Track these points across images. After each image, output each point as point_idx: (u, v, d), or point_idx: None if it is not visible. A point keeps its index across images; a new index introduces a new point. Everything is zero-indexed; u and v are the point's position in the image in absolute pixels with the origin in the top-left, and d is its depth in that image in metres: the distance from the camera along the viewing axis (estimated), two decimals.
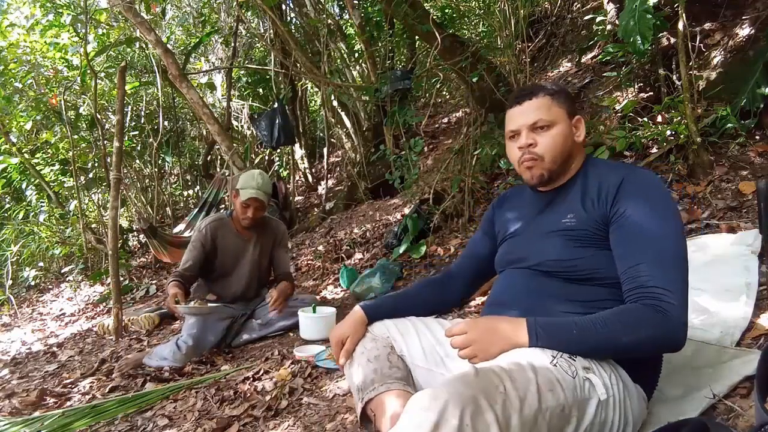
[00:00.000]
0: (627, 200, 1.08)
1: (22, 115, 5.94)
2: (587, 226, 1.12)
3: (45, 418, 1.86)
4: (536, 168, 1.19)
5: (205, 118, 4.28)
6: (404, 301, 1.39)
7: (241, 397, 1.85)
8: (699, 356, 1.37)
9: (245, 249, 2.70)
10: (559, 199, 1.22)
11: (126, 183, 6.25)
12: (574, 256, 1.12)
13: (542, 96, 1.20)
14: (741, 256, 1.80)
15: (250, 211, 2.56)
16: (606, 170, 1.18)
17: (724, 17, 2.91)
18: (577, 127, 1.22)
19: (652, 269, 0.99)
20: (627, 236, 1.05)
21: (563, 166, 1.20)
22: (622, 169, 1.14)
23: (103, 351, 2.93)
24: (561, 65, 4.81)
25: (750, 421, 1.04)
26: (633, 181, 1.10)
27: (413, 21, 3.16)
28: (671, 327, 0.95)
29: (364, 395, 1.17)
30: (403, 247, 3.34)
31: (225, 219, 2.69)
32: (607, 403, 0.96)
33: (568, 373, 0.94)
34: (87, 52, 4.47)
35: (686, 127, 2.40)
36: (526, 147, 1.19)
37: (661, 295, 0.96)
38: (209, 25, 6.51)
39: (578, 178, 1.21)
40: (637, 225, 1.04)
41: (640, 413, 1.06)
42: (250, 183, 2.54)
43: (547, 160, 1.18)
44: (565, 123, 1.19)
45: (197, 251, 2.59)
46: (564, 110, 1.20)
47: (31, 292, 6.05)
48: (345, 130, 5.70)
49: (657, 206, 1.05)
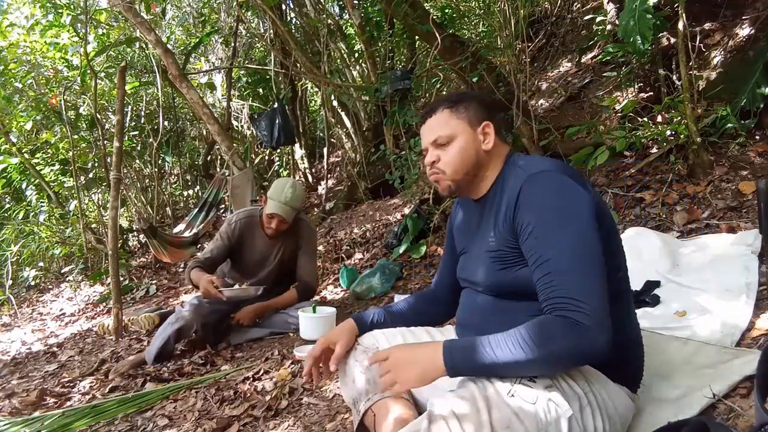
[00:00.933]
0: (525, 212, 1.04)
1: (22, 115, 5.94)
2: (504, 245, 1.09)
3: (45, 418, 1.86)
4: (442, 182, 1.20)
5: (205, 118, 4.28)
6: (396, 315, 1.38)
7: (241, 397, 1.85)
8: (699, 356, 1.37)
9: (270, 251, 2.68)
10: (486, 212, 1.19)
11: (126, 183, 6.25)
12: (500, 278, 1.10)
13: (441, 110, 1.20)
14: (741, 256, 1.80)
15: (274, 222, 2.54)
16: (511, 177, 1.14)
17: (724, 17, 2.91)
18: (485, 134, 1.18)
19: (561, 278, 0.95)
20: (532, 248, 1.01)
21: (471, 176, 1.18)
22: (522, 176, 1.09)
23: (103, 351, 2.93)
24: (561, 65, 4.82)
25: (750, 421, 1.04)
26: (528, 191, 1.06)
27: (413, 21, 3.16)
28: (586, 337, 0.90)
29: (360, 407, 1.19)
30: (403, 247, 3.34)
31: (256, 217, 2.65)
32: (583, 414, 0.94)
33: (527, 401, 0.91)
34: (87, 52, 4.48)
35: (686, 127, 2.40)
36: (431, 164, 1.20)
37: (573, 305, 0.92)
38: (209, 25, 6.51)
39: (497, 186, 1.18)
40: (539, 235, 1.01)
41: (626, 410, 1.06)
42: (279, 196, 2.49)
43: (449, 174, 1.17)
44: (467, 134, 1.17)
45: (221, 242, 2.58)
46: (465, 120, 1.18)
47: (31, 292, 6.05)
48: (345, 130, 5.70)
49: (555, 213, 1.01)
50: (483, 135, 1.18)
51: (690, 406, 1.14)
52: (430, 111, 1.23)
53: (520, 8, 3.24)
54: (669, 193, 2.47)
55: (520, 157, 1.19)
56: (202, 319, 2.43)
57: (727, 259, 1.82)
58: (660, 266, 1.95)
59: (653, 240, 2.05)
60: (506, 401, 0.91)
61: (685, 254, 2.00)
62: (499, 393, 0.92)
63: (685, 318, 1.62)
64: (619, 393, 1.05)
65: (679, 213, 2.31)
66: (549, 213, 1.01)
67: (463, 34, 5.40)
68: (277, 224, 2.54)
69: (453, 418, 0.88)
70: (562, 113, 3.79)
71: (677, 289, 1.81)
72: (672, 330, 1.56)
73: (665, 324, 1.61)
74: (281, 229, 2.58)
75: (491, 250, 1.12)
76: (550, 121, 3.29)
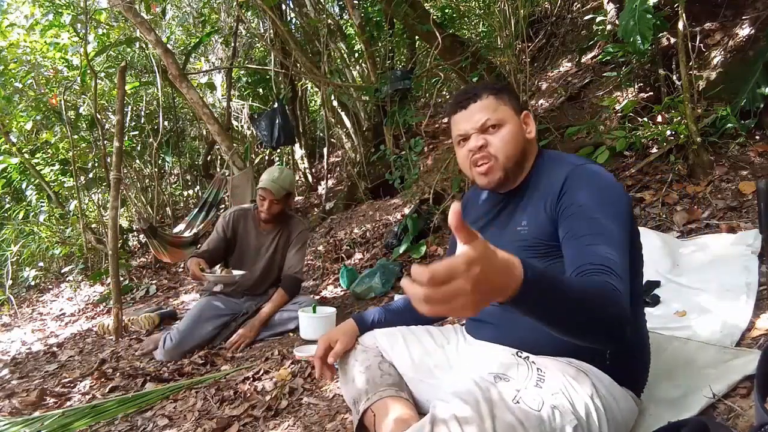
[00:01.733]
0: (573, 191, 1.04)
1: (22, 115, 5.93)
2: (540, 232, 1.08)
3: (45, 418, 1.86)
4: (492, 170, 1.14)
5: (205, 118, 4.28)
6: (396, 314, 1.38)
7: (241, 397, 1.85)
8: (699, 356, 1.37)
9: (263, 243, 2.73)
10: (513, 203, 1.18)
11: (126, 183, 6.24)
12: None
13: (486, 97, 1.15)
14: (741, 256, 1.80)
15: (266, 204, 2.60)
16: (553, 165, 1.13)
17: (724, 17, 2.91)
18: (526, 123, 1.18)
19: (607, 250, 0.92)
20: (578, 221, 0.99)
21: (518, 165, 1.15)
22: (567, 164, 1.10)
23: (103, 351, 2.93)
24: (561, 65, 4.81)
25: (750, 421, 1.04)
26: (579, 174, 1.06)
27: (413, 21, 3.16)
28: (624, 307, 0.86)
29: (359, 407, 1.19)
30: (403, 247, 3.34)
31: (249, 211, 2.76)
32: (589, 420, 0.92)
33: (532, 408, 0.89)
34: (87, 52, 4.48)
35: (686, 127, 2.40)
36: (478, 149, 1.14)
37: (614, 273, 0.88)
38: (209, 25, 6.51)
39: (531, 177, 1.17)
40: (587, 209, 0.99)
41: (630, 414, 1.06)
42: (269, 177, 2.60)
43: (501, 160, 1.13)
44: (514, 121, 1.15)
45: (217, 235, 2.67)
46: (511, 108, 1.16)
47: (31, 292, 6.04)
48: (345, 130, 5.70)
49: (601, 197, 1.01)
50: (525, 124, 1.18)
51: (690, 406, 1.14)
52: (471, 97, 1.17)
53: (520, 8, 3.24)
54: (669, 193, 2.47)
55: (552, 152, 1.19)
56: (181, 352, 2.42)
57: (727, 259, 1.82)
58: (660, 266, 1.95)
59: (653, 240, 2.05)
60: (510, 407, 0.89)
61: (685, 254, 2.00)
62: (503, 398, 0.90)
63: (685, 318, 1.62)
64: (626, 397, 1.04)
65: (679, 213, 2.31)
66: (597, 196, 1.01)
67: (463, 34, 5.40)
68: (269, 205, 2.60)
69: (454, 422, 0.86)
70: (562, 113, 3.79)
71: (677, 289, 1.81)
72: (672, 330, 1.56)
73: (665, 324, 1.61)
74: (274, 212, 2.63)
75: (522, 239, 1.10)
76: (550, 121, 3.29)
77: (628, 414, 1.04)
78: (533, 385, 0.93)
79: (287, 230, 2.78)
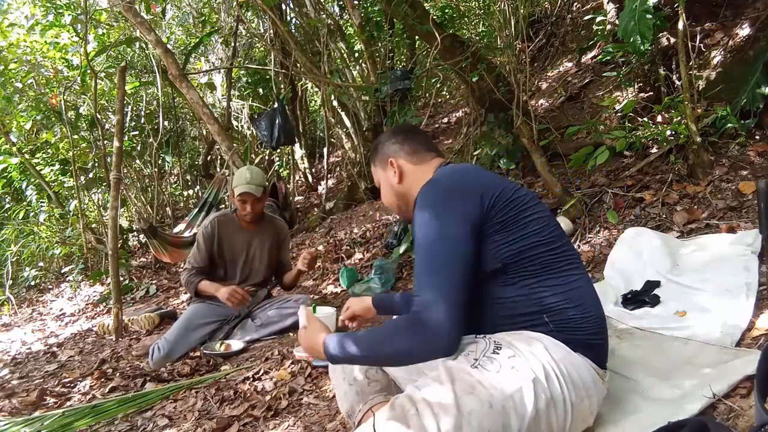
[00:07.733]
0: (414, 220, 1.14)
1: (22, 115, 5.93)
2: None
3: (45, 418, 1.86)
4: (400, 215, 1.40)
5: (205, 118, 4.27)
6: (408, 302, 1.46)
7: (241, 397, 1.85)
8: (699, 356, 1.37)
9: (248, 244, 2.74)
10: None
11: (126, 183, 6.24)
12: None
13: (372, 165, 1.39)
14: (741, 256, 1.80)
15: (248, 206, 2.62)
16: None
17: (724, 17, 2.91)
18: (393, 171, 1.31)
19: (420, 278, 1.03)
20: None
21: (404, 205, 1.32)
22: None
23: (103, 351, 2.93)
24: (561, 65, 4.82)
25: (750, 421, 1.04)
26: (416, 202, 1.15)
27: (413, 21, 3.16)
28: (429, 335, 0.97)
29: (354, 419, 1.24)
30: (403, 247, 3.34)
31: (229, 215, 2.76)
32: (549, 381, 0.97)
33: (490, 371, 0.97)
34: (87, 52, 4.47)
35: (686, 127, 2.40)
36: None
37: (424, 303, 0.99)
38: (209, 25, 6.50)
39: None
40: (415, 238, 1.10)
41: (592, 383, 1.03)
42: (241, 179, 2.61)
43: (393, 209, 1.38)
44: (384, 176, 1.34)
45: (204, 245, 2.67)
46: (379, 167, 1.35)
47: (31, 292, 6.04)
48: (345, 130, 5.70)
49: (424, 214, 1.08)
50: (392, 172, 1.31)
51: (690, 406, 1.14)
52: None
53: (520, 8, 3.25)
54: (669, 193, 2.47)
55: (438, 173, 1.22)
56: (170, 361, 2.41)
57: (727, 259, 1.82)
58: (660, 266, 1.95)
59: (653, 240, 2.05)
60: (468, 371, 0.98)
61: (685, 254, 2.00)
62: (461, 366, 0.99)
63: (685, 318, 1.62)
64: (586, 366, 1.04)
65: (679, 213, 2.31)
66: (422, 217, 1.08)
67: (463, 34, 5.39)
68: (252, 205, 2.62)
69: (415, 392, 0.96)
70: (562, 113, 3.80)
71: (677, 289, 1.81)
72: (672, 330, 1.56)
73: (665, 324, 1.61)
74: (258, 210, 2.67)
75: None
76: (550, 121, 3.29)
77: (589, 381, 1.02)
78: (491, 353, 1.01)
79: (273, 231, 2.81)
